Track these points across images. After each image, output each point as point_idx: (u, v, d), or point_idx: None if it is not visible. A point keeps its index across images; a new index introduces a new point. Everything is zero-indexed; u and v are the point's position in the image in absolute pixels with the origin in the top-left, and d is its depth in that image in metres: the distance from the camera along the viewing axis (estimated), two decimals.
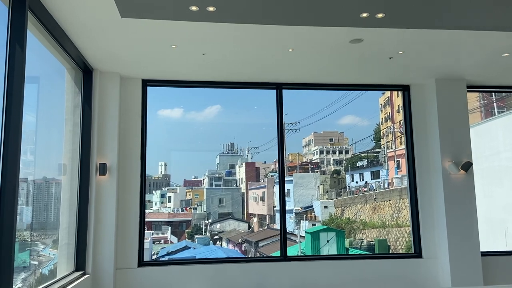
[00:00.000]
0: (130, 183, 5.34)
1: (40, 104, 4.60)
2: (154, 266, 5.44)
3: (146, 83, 5.61)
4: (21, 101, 3.19)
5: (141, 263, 5.24)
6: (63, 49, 4.32)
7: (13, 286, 3.05)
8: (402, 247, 12.60)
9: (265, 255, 10.98)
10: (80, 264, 4.68)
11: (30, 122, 4.17)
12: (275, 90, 5.86)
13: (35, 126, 4.60)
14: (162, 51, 4.62)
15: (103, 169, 5.04)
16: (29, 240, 4.55)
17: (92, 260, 4.79)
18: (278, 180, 6.07)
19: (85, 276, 4.59)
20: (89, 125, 5.02)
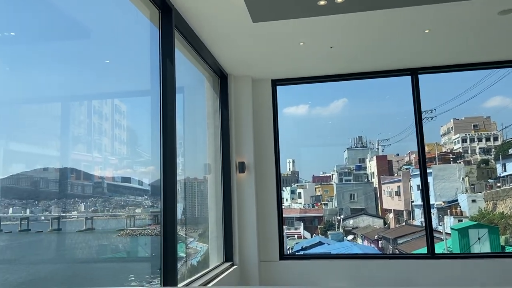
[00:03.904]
0: (267, 180, 5.59)
1: (186, 111, 5.11)
2: (294, 259, 5.59)
3: (275, 83, 5.80)
4: (174, 110, 3.59)
5: (283, 256, 5.44)
6: (202, 59, 4.73)
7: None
8: None
9: (404, 253, 10.40)
10: (228, 255, 5.07)
11: (178, 128, 4.67)
12: (409, 76, 5.51)
13: (182, 131, 5.14)
14: (290, 50, 4.72)
15: (242, 167, 5.37)
16: (183, 234, 5.09)
17: (239, 252, 5.14)
18: (415, 173, 5.67)
19: (234, 267, 4.96)
20: (228, 127, 5.40)
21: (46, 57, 3.83)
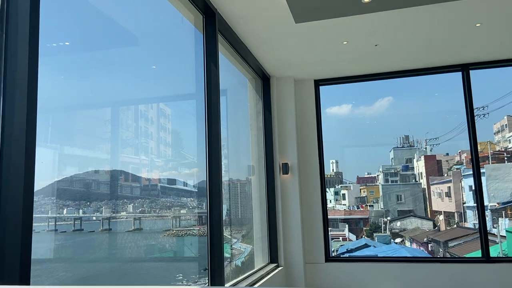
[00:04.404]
0: (311, 181, 5.54)
1: (229, 113, 5.18)
2: (340, 262, 5.51)
3: (318, 83, 5.75)
4: (218, 113, 3.64)
5: (328, 258, 5.37)
6: (245, 62, 4.77)
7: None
8: None
9: (456, 256, 9.96)
10: (273, 257, 5.07)
11: (222, 130, 4.74)
12: (460, 72, 5.27)
13: (226, 133, 5.21)
14: (333, 49, 4.66)
15: (285, 169, 5.36)
16: (227, 235, 5.15)
17: (284, 253, 5.13)
18: (467, 173, 5.41)
19: (279, 268, 4.95)
20: (270, 129, 5.41)
21: (97, 64, 4.02)
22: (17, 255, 1.42)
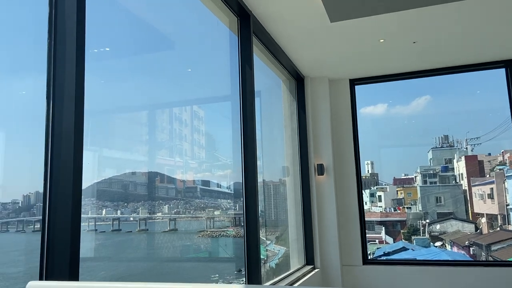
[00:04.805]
0: (347, 182, 5.46)
1: (263, 114, 5.20)
2: (379, 265, 5.39)
3: (353, 82, 5.67)
4: (253, 114, 3.66)
5: (366, 261, 5.27)
6: (279, 62, 4.77)
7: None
8: None
9: (499, 260, 9.53)
10: (309, 258, 5.03)
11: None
12: (503, 69, 5.05)
13: (260, 134, 5.23)
14: (369, 48, 4.58)
15: (320, 170, 5.31)
16: (262, 237, 5.16)
17: (320, 255, 5.08)
18: (511, 174, 5.18)
19: (315, 270, 4.91)
20: (305, 129, 5.37)
21: (135, 69, 4.13)
22: (67, 252, 1.48)
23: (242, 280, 3.64)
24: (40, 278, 1.51)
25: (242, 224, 3.48)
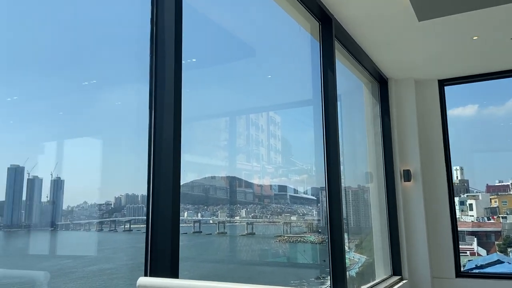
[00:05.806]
0: (436, 189, 5.13)
1: (344, 118, 5.09)
2: (474, 278, 4.99)
3: (442, 83, 5.33)
4: (336, 118, 3.60)
5: (459, 273, 4.90)
6: (361, 65, 4.65)
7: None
8: None
9: None
10: (396, 269, 4.80)
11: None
12: None
13: (341, 139, 5.12)
14: (460, 46, 4.28)
15: (407, 176, 5.06)
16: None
17: (408, 266, 4.82)
18: None
19: (403, 281, 4.67)
20: (389, 133, 5.16)
21: (217, 77, 4.29)
22: (168, 252, 1.58)
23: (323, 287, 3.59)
24: (145, 275, 1.62)
25: (320, 230, 3.43)
